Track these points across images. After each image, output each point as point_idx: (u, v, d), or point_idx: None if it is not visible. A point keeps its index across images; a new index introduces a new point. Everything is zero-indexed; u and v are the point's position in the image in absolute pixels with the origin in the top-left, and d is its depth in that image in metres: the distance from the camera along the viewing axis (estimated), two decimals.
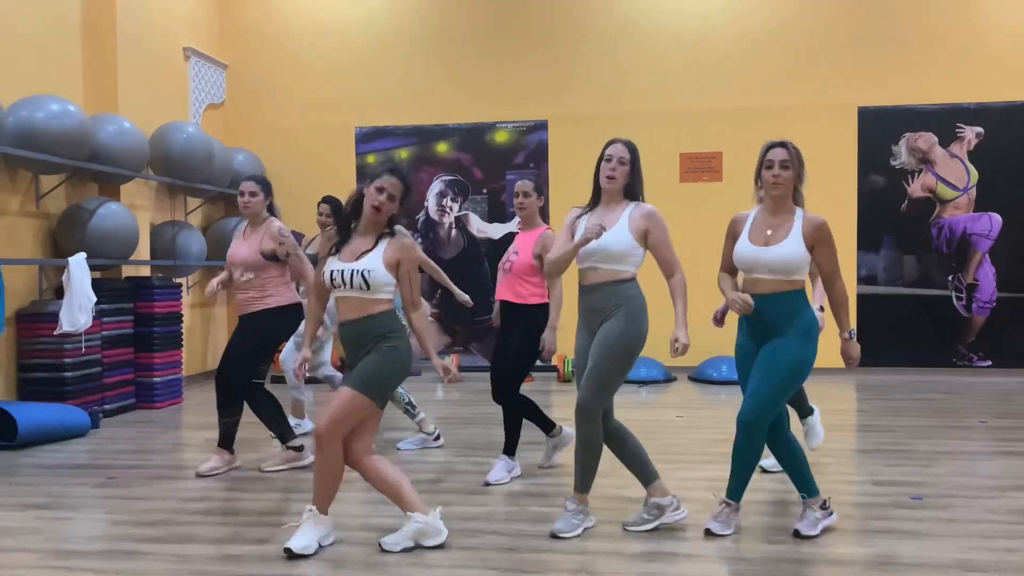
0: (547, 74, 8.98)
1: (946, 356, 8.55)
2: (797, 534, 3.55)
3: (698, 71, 8.79)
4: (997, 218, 8.47)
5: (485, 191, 9.11)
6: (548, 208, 4.79)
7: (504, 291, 4.60)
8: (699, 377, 8.27)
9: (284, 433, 4.93)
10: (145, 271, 7.55)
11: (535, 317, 4.50)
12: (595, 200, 3.78)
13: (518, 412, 4.67)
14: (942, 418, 6.23)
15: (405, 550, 3.43)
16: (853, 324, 3.57)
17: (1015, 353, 8.44)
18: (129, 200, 7.34)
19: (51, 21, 6.82)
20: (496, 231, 9.07)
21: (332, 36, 9.25)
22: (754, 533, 3.63)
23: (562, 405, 6.91)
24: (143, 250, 7.46)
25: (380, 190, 3.58)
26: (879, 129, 8.60)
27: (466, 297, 5.50)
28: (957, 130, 8.52)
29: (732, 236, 3.67)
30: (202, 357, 8.83)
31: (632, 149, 3.70)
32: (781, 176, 3.52)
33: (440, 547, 3.45)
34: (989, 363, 8.50)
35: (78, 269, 6.10)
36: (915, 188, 8.59)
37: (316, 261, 5.62)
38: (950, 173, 8.53)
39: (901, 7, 8.54)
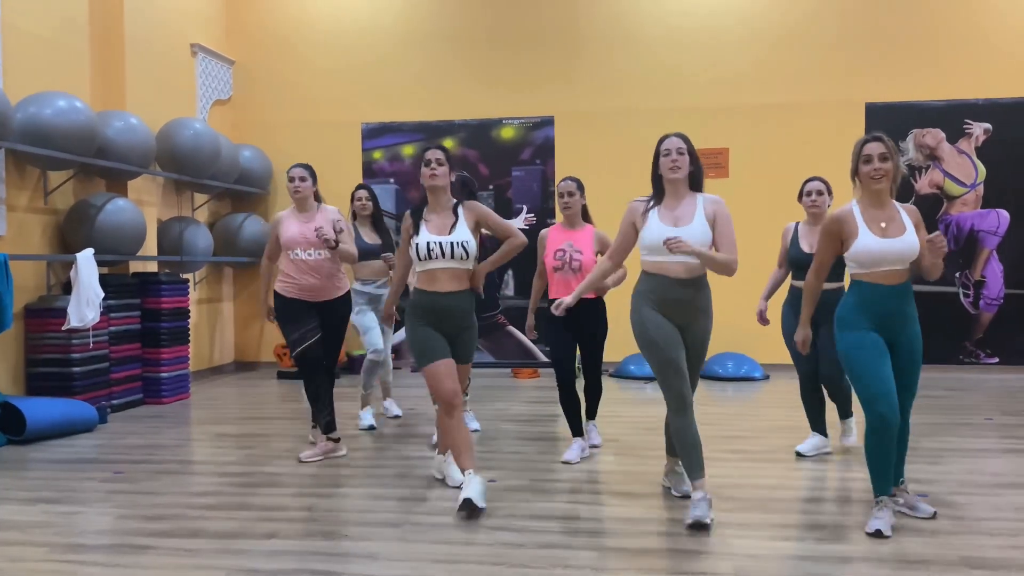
0: (553, 70, 8.97)
1: (953, 353, 8.52)
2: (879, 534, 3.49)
3: (705, 68, 8.77)
4: (1005, 215, 8.44)
5: (491, 187, 9.11)
6: (555, 206, 4.90)
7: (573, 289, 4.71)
8: (705, 374, 8.27)
9: (331, 422, 5.05)
10: (152, 267, 7.58)
11: (602, 307, 4.96)
12: (659, 195, 3.84)
13: (600, 387, 5.14)
14: (949, 415, 6.21)
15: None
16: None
17: (1022, 350, 8.41)
18: (136, 196, 7.37)
19: (59, 17, 6.83)
20: None
21: (339, 32, 9.26)
22: (760, 529, 3.63)
23: None
24: (150, 246, 7.49)
25: (427, 163, 4.12)
26: (887, 125, 8.55)
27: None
28: (965, 126, 8.48)
29: (835, 235, 3.65)
30: (209, 353, 8.86)
31: (687, 140, 3.81)
32: (882, 169, 3.55)
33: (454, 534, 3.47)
34: (996, 360, 8.47)
35: (86, 265, 6.13)
36: (923, 184, 8.56)
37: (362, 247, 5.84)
38: (958, 169, 8.50)
39: (909, 3, 8.51)
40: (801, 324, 3.94)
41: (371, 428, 5.87)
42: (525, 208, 9.02)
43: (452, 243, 4.02)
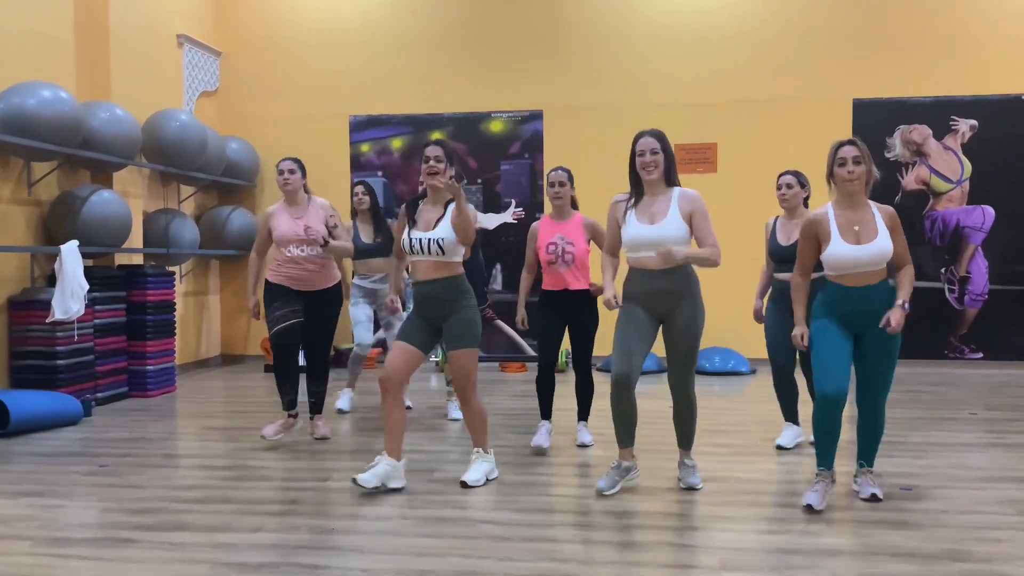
0: (542, 64, 8.96)
1: (938, 348, 8.58)
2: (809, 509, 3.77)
3: (693, 63, 8.78)
4: (990, 211, 8.50)
5: (480, 181, 9.09)
6: (543, 200, 4.95)
7: (567, 281, 4.90)
8: None
9: (293, 400, 5.19)
10: (138, 259, 7.53)
11: (594, 299, 4.92)
12: (638, 193, 3.97)
13: (591, 382, 5.05)
14: (934, 410, 6.26)
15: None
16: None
17: (1007, 345, 8.48)
18: (122, 188, 7.32)
19: (44, 7, 6.77)
20: (491, 221, 9.05)
21: (326, 24, 9.21)
22: (745, 522, 3.64)
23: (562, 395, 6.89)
24: (136, 238, 7.44)
25: (426, 160, 4.11)
26: (874, 121, 8.60)
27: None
28: (951, 123, 8.53)
29: (813, 237, 3.79)
30: (195, 345, 8.82)
31: (661, 137, 3.93)
32: (855, 172, 3.66)
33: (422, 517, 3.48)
34: (981, 355, 8.54)
35: (70, 257, 6.08)
36: (909, 180, 8.60)
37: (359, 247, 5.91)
38: (944, 166, 8.55)
39: (897, 0, 8.55)
40: (796, 322, 3.97)
41: (340, 411, 6.10)
42: (514, 202, 9.01)
43: (429, 239, 4.05)
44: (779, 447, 4.98)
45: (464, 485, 4.13)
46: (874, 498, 3.85)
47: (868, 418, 3.87)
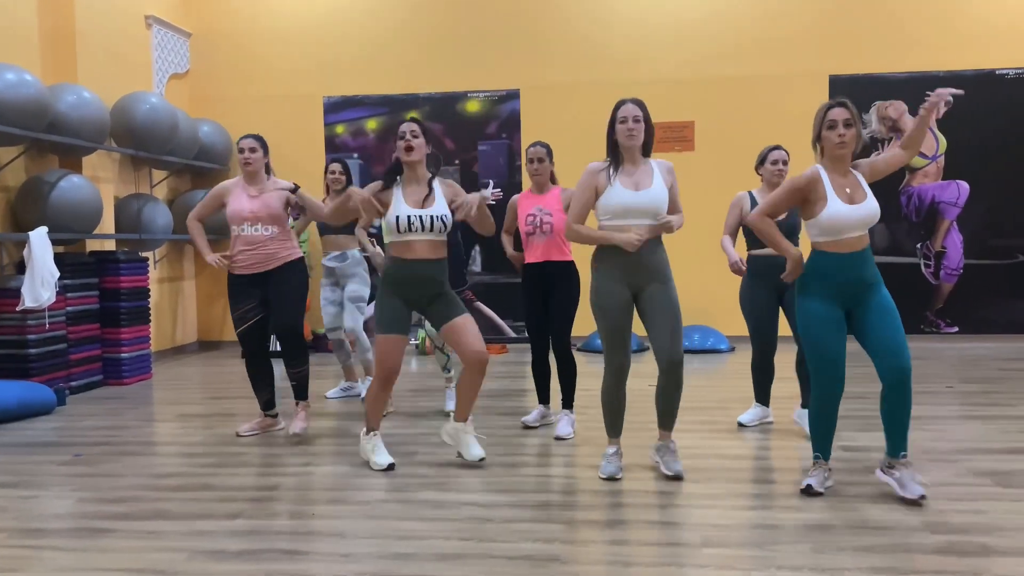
0: (519, 43, 8.88)
1: (914, 323, 8.66)
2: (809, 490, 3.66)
3: (670, 40, 8.74)
4: (965, 186, 8.56)
5: (457, 162, 9.02)
6: (522, 179, 4.92)
7: (547, 252, 4.88)
8: None
9: (270, 400, 5.08)
10: (110, 245, 7.41)
11: (574, 271, 4.89)
12: (616, 159, 3.90)
13: (572, 364, 4.93)
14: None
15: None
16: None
17: (981, 319, 8.58)
18: (91, 172, 7.18)
19: None
20: None
21: (298, 3, 9.06)
22: (725, 499, 3.65)
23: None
24: (107, 224, 7.31)
25: (402, 136, 4.11)
26: (850, 97, 8.45)
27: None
28: (927, 98, 8.54)
29: (801, 194, 3.54)
30: (171, 332, 8.71)
31: (643, 107, 3.92)
32: (846, 135, 3.48)
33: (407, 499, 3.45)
34: (956, 329, 8.62)
35: (39, 243, 5.96)
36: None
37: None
38: None
39: None
40: (785, 253, 3.67)
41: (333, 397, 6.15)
42: (492, 183, 8.93)
43: (432, 216, 4.06)
44: (740, 424, 5.00)
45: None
46: (923, 499, 3.46)
47: (900, 393, 3.51)
